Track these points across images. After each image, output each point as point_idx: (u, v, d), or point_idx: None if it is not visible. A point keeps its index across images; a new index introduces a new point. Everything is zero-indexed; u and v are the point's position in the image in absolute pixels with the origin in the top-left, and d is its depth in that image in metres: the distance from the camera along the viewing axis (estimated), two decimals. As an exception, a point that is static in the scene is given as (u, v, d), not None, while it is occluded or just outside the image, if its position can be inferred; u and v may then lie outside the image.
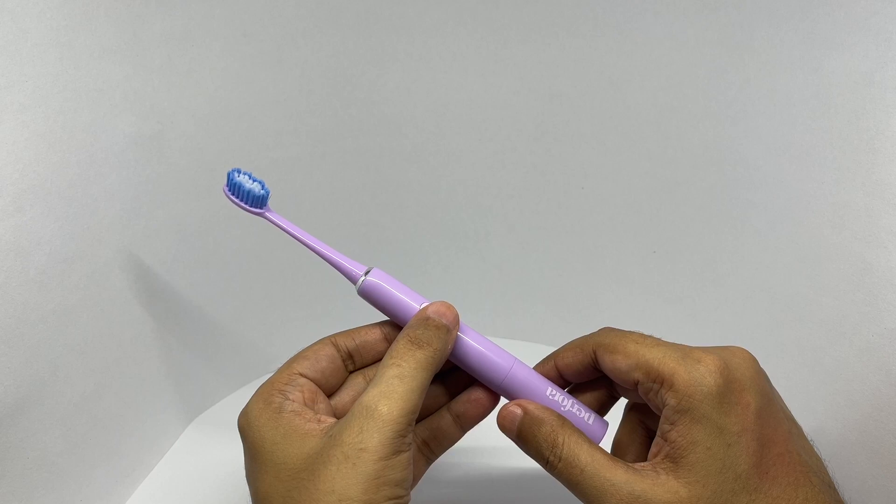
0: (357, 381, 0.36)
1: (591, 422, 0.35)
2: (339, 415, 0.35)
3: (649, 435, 0.36)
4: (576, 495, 0.32)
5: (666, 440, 0.31)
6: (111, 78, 0.41)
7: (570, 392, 0.37)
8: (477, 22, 0.49)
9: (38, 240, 0.36)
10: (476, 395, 0.36)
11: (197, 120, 0.46)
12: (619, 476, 0.31)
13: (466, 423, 0.36)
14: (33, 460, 0.37)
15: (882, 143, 0.39)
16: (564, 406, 0.35)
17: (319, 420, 0.32)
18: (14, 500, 0.36)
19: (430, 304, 0.34)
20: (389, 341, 0.35)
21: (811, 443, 0.34)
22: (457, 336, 0.34)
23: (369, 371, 0.36)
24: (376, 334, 0.36)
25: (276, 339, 0.55)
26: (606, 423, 0.36)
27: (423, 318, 0.33)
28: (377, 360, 0.36)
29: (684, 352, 0.32)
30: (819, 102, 0.43)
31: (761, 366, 0.34)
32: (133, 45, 0.42)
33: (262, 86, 0.48)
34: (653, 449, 0.32)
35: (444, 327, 0.33)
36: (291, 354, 0.36)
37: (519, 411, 0.34)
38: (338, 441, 0.30)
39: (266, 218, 0.36)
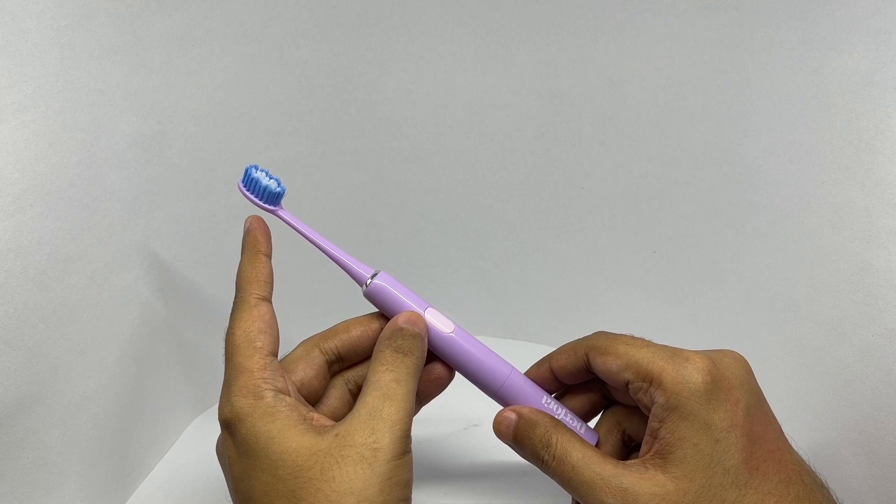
0: (338, 384, 0.37)
1: (581, 431, 0.36)
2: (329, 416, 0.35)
3: (623, 439, 0.37)
4: (569, 492, 0.33)
5: (655, 437, 0.32)
6: (111, 78, 0.41)
7: (564, 394, 0.38)
8: (477, 22, 0.49)
9: (38, 240, 0.36)
10: (435, 373, 0.36)
11: (197, 120, 0.46)
12: (608, 470, 0.32)
13: (424, 399, 0.37)
14: (33, 460, 0.37)
15: (882, 143, 0.39)
16: (558, 415, 0.36)
17: (314, 418, 0.32)
18: (14, 500, 0.36)
19: (400, 315, 0.35)
20: (369, 337, 0.36)
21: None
22: (457, 343, 0.35)
23: (348, 374, 0.37)
24: (357, 332, 0.36)
25: (281, 334, 0.55)
26: (597, 434, 0.37)
27: (398, 329, 0.34)
28: (361, 359, 0.37)
29: (673, 351, 0.33)
30: (819, 102, 0.43)
31: (754, 369, 0.34)
32: (133, 45, 0.42)
33: (262, 86, 0.48)
34: (643, 447, 0.33)
35: (419, 335, 0.34)
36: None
37: (514, 416, 0.35)
38: (349, 441, 0.30)
39: (278, 216, 0.36)
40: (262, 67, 0.47)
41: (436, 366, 0.37)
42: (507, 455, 0.37)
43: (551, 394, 0.38)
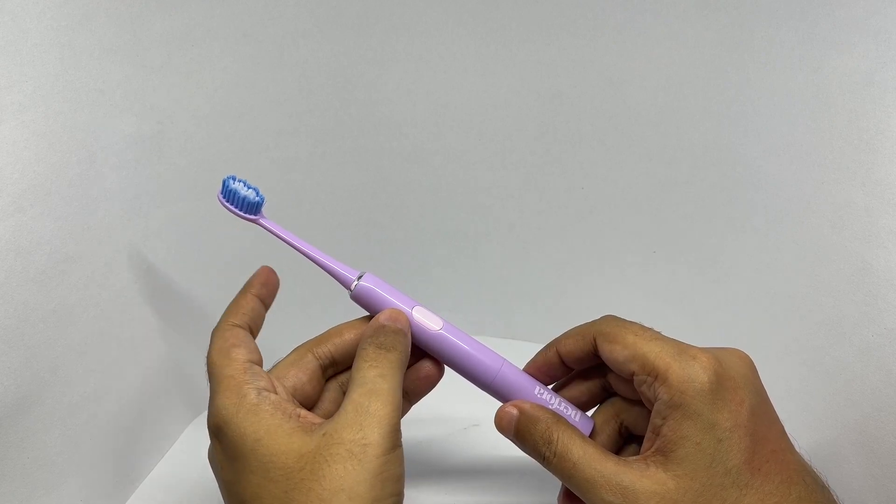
0: (333, 388, 0.37)
1: (577, 419, 0.36)
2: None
3: (620, 430, 0.37)
4: (570, 488, 0.33)
5: (657, 434, 0.32)
6: (111, 78, 0.41)
7: (565, 385, 0.38)
8: (477, 22, 0.49)
9: (38, 240, 0.36)
10: (425, 371, 0.37)
11: (197, 120, 0.46)
12: (608, 468, 0.32)
13: (415, 398, 0.37)
14: (33, 460, 0.37)
15: (882, 143, 0.39)
16: (552, 404, 0.36)
17: (301, 415, 0.32)
18: (14, 500, 0.36)
19: (382, 313, 0.35)
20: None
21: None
22: (447, 339, 0.36)
23: (342, 377, 0.37)
24: (350, 335, 0.36)
25: (276, 339, 0.55)
26: (592, 421, 0.37)
27: (380, 326, 0.34)
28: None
29: (681, 348, 0.33)
30: (819, 102, 0.43)
31: (758, 368, 0.34)
32: (133, 45, 0.42)
33: (262, 86, 0.48)
34: (645, 443, 0.33)
35: (401, 331, 0.34)
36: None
37: (515, 412, 0.35)
38: (338, 439, 0.30)
39: (260, 224, 0.37)
40: (262, 67, 0.47)
41: (425, 363, 0.37)
42: (507, 455, 0.37)
43: (556, 380, 0.38)
